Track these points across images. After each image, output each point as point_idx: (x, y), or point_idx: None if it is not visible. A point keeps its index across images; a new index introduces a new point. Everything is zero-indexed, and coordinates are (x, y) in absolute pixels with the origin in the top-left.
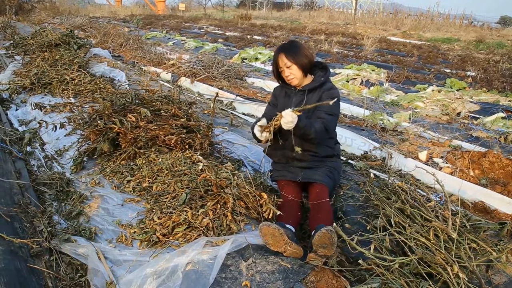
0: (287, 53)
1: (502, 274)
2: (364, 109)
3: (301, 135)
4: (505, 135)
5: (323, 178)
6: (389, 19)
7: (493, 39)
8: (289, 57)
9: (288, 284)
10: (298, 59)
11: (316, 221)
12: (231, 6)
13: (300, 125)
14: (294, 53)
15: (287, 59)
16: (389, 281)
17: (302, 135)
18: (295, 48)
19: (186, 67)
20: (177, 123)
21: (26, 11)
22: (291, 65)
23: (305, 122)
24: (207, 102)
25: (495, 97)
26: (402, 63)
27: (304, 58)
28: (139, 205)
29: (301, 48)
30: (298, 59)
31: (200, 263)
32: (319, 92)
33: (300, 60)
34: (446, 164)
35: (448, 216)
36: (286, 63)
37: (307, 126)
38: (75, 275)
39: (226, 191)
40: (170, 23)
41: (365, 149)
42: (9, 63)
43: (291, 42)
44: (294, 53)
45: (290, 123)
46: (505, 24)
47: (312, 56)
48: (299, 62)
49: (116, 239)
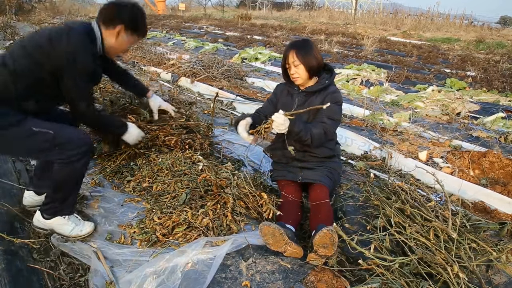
0: (298, 51)
1: (502, 274)
2: (364, 109)
3: (297, 139)
4: (505, 135)
5: (323, 179)
6: (389, 19)
7: (493, 39)
8: (299, 55)
9: (288, 284)
10: (307, 60)
11: (316, 221)
12: (231, 6)
13: (295, 130)
14: (304, 52)
15: (296, 57)
16: (389, 281)
17: (298, 139)
18: (307, 48)
19: (186, 67)
20: (176, 123)
21: (26, 11)
22: (299, 64)
23: (301, 127)
24: (207, 102)
25: (495, 97)
26: (402, 63)
27: (314, 60)
28: (139, 205)
29: (312, 49)
30: (308, 59)
31: (200, 263)
32: (322, 95)
33: (309, 61)
34: (446, 164)
35: (448, 216)
36: (295, 61)
37: (303, 131)
38: (75, 275)
39: (226, 191)
40: (170, 23)
41: (365, 149)
42: None
43: (305, 41)
44: (305, 53)
45: (281, 125)
46: (505, 24)
47: (321, 59)
48: (308, 63)
49: (116, 239)
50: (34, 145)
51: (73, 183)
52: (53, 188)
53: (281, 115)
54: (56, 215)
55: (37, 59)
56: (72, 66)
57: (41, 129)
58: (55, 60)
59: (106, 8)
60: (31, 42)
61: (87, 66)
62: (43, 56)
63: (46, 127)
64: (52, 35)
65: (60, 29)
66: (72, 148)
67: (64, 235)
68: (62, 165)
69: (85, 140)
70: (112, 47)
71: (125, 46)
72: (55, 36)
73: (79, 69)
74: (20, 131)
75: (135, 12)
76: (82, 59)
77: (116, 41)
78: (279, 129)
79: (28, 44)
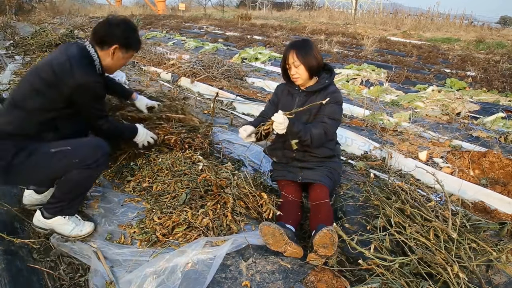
0: (298, 51)
1: (502, 274)
2: (364, 109)
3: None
4: (505, 135)
5: (323, 179)
6: (389, 19)
7: (493, 39)
8: (299, 56)
9: (288, 284)
10: (307, 60)
11: (316, 221)
12: (231, 6)
13: (294, 130)
14: (305, 53)
15: (297, 58)
16: (389, 281)
17: (298, 139)
18: (307, 48)
19: (186, 67)
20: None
21: (26, 11)
22: (300, 65)
23: (300, 128)
24: (207, 102)
25: (495, 97)
26: (402, 63)
27: (314, 60)
28: (139, 205)
29: (312, 49)
30: (308, 60)
31: (200, 263)
32: (323, 95)
33: (309, 61)
34: (446, 164)
35: (448, 216)
36: (295, 62)
37: (302, 131)
38: (75, 275)
39: (226, 191)
40: (170, 23)
41: (365, 149)
42: (9, 63)
43: (304, 41)
44: (305, 53)
45: (280, 125)
46: (505, 24)
47: (321, 59)
48: (308, 63)
49: (116, 239)
50: (58, 164)
51: (86, 186)
52: (66, 189)
53: (280, 114)
54: (58, 215)
55: (47, 95)
56: (85, 94)
57: (59, 148)
58: (66, 92)
59: (98, 29)
60: (36, 78)
61: (98, 90)
62: (52, 90)
63: (63, 144)
64: (55, 68)
65: (60, 60)
66: (90, 157)
67: (64, 235)
68: (81, 170)
69: (101, 148)
70: (110, 66)
71: (122, 63)
72: (58, 69)
73: (92, 95)
74: (41, 157)
75: (127, 30)
76: (93, 87)
77: (113, 60)
78: (278, 129)
79: (33, 81)
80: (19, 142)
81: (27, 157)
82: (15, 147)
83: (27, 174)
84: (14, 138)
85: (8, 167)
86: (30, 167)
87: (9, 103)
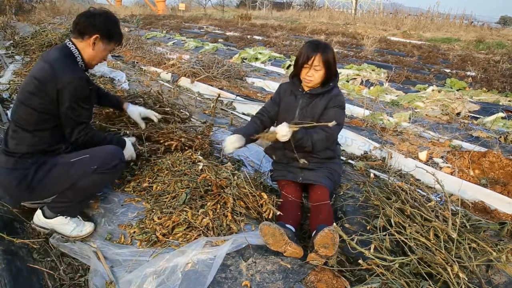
0: (325, 56)
1: (502, 274)
2: (364, 109)
3: (297, 146)
4: (505, 135)
5: (323, 180)
6: (389, 19)
7: (493, 39)
8: (325, 61)
9: (288, 284)
10: (330, 68)
11: (317, 222)
12: (231, 6)
13: (296, 137)
14: (330, 59)
15: (322, 62)
16: (389, 281)
17: (299, 146)
18: (332, 56)
19: (186, 67)
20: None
21: (26, 11)
22: (321, 69)
23: (302, 134)
24: (207, 102)
25: (495, 97)
26: (402, 63)
27: (334, 69)
28: (139, 205)
29: (334, 58)
30: (330, 67)
31: (200, 263)
32: (326, 98)
33: (331, 69)
34: (446, 164)
35: (448, 216)
36: (318, 66)
37: (304, 138)
38: (75, 275)
39: (226, 191)
40: (170, 23)
41: (365, 149)
42: (9, 63)
43: (327, 46)
44: (330, 60)
45: (284, 137)
46: (505, 24)
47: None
48: (329, 71)
49: (116, 239)
50: (78, 173)
51: (97, 191)
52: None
53: (285, 128)
54: (60, 215)
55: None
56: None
57: (78, 157)
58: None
59: (79, 20)
60: (24, 95)
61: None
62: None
63: (81, 153)
64: (38, 77)
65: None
66: (108, 163)
67: (65, 235)
68: (97, 176)
69: (117, 155)
70: (90, 58)
71: (103, 55)
72: (41, 76)
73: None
74: (62, 168)
75: (108, 20)
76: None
77: (94, 51)
78: (283, 139)
79: (24, 99)
80: (38, 158)
81: (47, 172)
82: (35, 164)
83: (50, 187)
84: (32, 155)
85: (32, 184)
86: (53, 180)
87: (13, 124)
